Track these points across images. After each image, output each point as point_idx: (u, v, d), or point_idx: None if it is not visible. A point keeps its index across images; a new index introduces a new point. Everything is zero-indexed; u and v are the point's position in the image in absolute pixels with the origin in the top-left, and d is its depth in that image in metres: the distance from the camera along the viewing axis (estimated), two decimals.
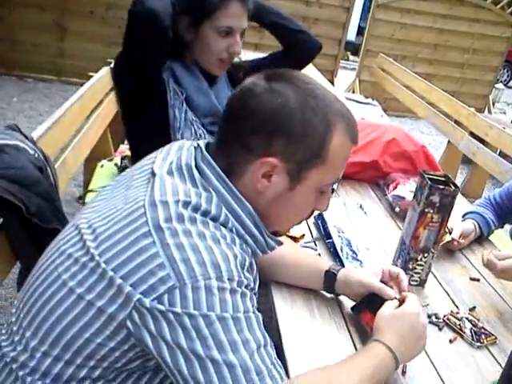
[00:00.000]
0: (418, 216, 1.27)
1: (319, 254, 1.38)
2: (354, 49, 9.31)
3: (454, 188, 1.25)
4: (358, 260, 1.36)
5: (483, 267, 1.37)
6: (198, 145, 0.91)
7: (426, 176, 1.27)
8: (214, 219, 0.82)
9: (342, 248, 1.38)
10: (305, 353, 1.02)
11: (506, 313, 1.31)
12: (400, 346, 0.93)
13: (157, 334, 0.75)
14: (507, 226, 1.79)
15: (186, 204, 0.80)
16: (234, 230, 0.84)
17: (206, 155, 0.88)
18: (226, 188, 0.85)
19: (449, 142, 3.67)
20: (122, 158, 2.17)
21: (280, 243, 0.95)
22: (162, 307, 0.74)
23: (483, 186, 3.49)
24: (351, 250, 1.39)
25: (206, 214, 0.81)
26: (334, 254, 1.37)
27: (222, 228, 0.82)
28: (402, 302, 1.01)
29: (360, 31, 9.70)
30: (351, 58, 9.40)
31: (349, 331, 1.11)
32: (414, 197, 1.33)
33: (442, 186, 1.24)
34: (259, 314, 0.80)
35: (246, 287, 0.79)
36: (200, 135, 1.49)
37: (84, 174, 2.21)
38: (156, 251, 0.76)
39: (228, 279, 0.76)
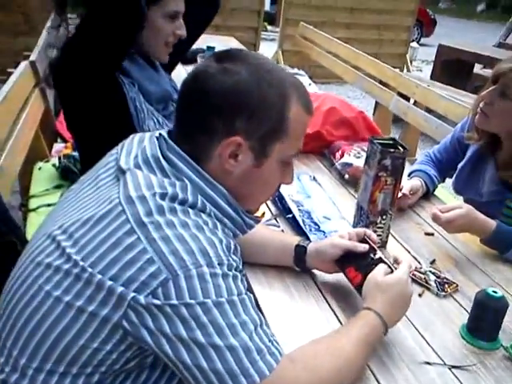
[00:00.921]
0: (373, 181, 1.33)
1: (282, 231, 1.42)
2: (270, 18, 9.34)
3: (403, 150, 1.32)
4: (320, 231, 1.41)
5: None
6: (160, 134, 0.91)
7: (375, 142, 1.33)
8: (193, 207, 0.83)
9: (303, 221, 1.43)
10: (291, 331, 1.05)
11: (460, 261, 1.41)
12: (389, 313, 0.99)
13: (155, 330, 0.76)
14: (448, 180, 1.90)
15: (163, 195, 0.81)
16: (212, 214, 0.86)
17: (171, 144, 0.88)
18: (197, 174, 0.86)
19: (378, 104, 3.82)
20: (61, 158, 2.09)
21: (258, 220, 0.98)
22: (157, 302, 0.75)
23: (416, 143, 3.67)
24: (313, 222, 1.43)
25: (183, 202, 0.82)
26: (297, 228, 1.42)
27: (202, 214, 0.83)
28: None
29: (274, 0, 9.73)
30: (269, 28, 9.43)
31: (327, 302, 1.16)
32: (365, 163, 1.39)
33: (392, 150, 1.30)
34: (251, 295, 0.82)
35: (236, 269, 0.81)
36: (162, 123, 1.47)
37: (20, 179, 2.11)
38: (143, 247, 0.76)
39: (218, 264, 0.78)
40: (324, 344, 0.90)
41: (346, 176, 1.78)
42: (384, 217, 1.37)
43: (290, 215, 1.46)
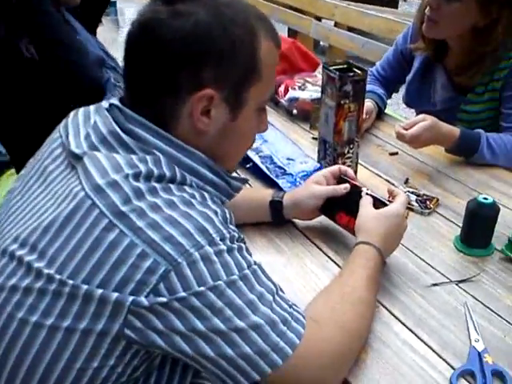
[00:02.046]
0: (335, 110, 1.26)
1: (250, 185, 1.33)
2: None
3: (361, 71, 1.25)
4: (288, 174, 1.33)
5: (395, 140, 1.42)
6: (111, 105, 0.78)
7: (330, 68, 1.25)
8: (172, 181, 0.72)
9: (268, 168, 1.34)
10: (291, 286, 0.98)
11: (432, 174, 1.39)
12: (386, 245, 0.95)
13: (167, 330, 0.66)
14: (395, 95, 1.87)
15: (137, 175, 0.69)
16: (194, 185, 0.75)
17: (129, 113, 0.75)
18: (168, 142, 0.75)
19: (296, 32, 3.71)
20: None
21: (245, 181, 0.88)
22: (162, 299, 0.65)
23: None
24: (277, 167, 1.36)
25: (161, 178, 0.71)
26: (262, 176, 1.33)
27: (185, 187, 0.73)
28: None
29: None
30: None
31: (318, 247, 1.11)
32: (322, 93, 1.31)
33: (351, 74, 1.23)
34: (259, 262, 0.74)
35: (238, 240, 0.73)
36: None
37: None
38: (130, 241, 0.65)
39: (221, 240, 0.68)
40: (336, 293, 0.85)
41: (295, 111, 1.70)
42: (351, 146, 1.31)
43: (250, 164, 1.37)
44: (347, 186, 1.07)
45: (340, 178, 1.10)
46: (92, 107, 0.82)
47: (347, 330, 0.79)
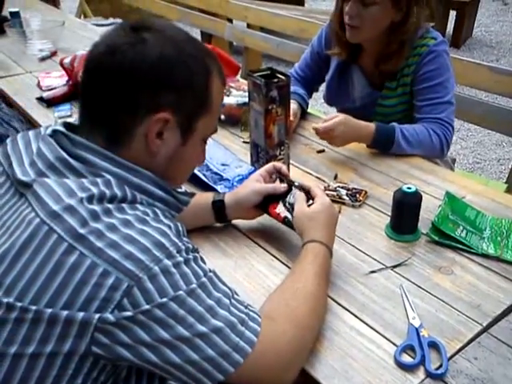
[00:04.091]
0: (264, 115, 1.33)
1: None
2: None
3: (285, 77, 1.33)
4: (225, 179, 1.39)
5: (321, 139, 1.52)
6: (55, 131, 0.80)
7: (255, 75, 1.32)
8: (124, 200, 0.76)
9: (204, 175, 1.39)
10: (242, 288, 1.05)
11: (358, 168, 1.50)
12: (329, 238, 1.03)
13: (134, 343, 0.70)
14: (315, 95, 1.97)
15: (90, 198, 0.72)
16: (144, 202, 0.79)
17: (75, 139, 0.78)
18: (116, 164, 0.78)
19: (211, 35, 3.76)
20: None
21: (192, 195, 0.93)
22: (127, 313, 0.68)
23: (260, 64, 3.73)
24: (213, 173, 1.41)
25: (113, 199, 0.74)
26: (200, 184, 1.38)
27: (138, 205, 0.77)
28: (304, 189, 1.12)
29: None
30: None
31: (262, 247, 1.17)
32: (249, 99, 1.38)
33: (275, 80, 1.31)
34: (214, 269, 0.80)
35: (193, 251, 0.77)
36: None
37: None
38: (91, 262, 0.68)
39: (177, 252, 0.73)
40: (289, 290, 0.91)
41: (222, 117, 1.76)
42: (282, 148, 1.39)
43: None
44: (286, 185, 1.16)
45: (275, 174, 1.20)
46: (31, 134, 0.83)
47: (300, 324, 0.85)
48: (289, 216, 1.12)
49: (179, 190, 0.89)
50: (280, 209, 1.15)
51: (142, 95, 0.77)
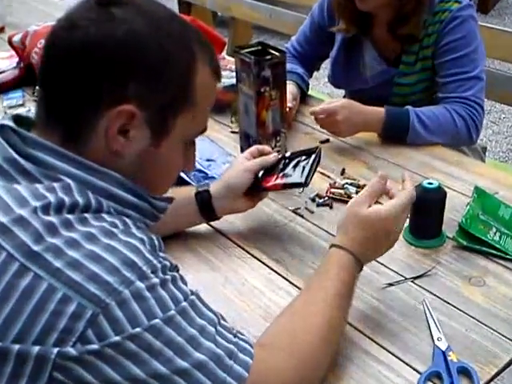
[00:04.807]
0: (255, 100, 1.33)
1: None
2: None
3: (279, 53, 1.32)
4: (210, 177, 1.39)
5: None
6: (3, 126, 0.79)
7: (243, 52, 1.32)
8: (87, 209, 0.75)
9: (186, 174, 1.39)
10: (235, 307, 1.04)
11: (368, 161, 1.50)
12: (367, 254, 0.99)
13: (99, 383, 0.69)
14: (316, 73, 1.98)
15: (46, 208, 0.71)
16: (112, 211, 0.78)
17: (28, 136, 0.77)
18: (77, 165, 0.77)
19: (190, 4, 3.76)
20: None
21: (170, 199, 0.92)
22: (93, 347, 0.67)
23: (250, 38, 3.73)
24: (197, 171, 1.41)
25: (74, 208, 0.73)
26: (182, 183, 1.37)
27: (104, 215, 0.76)
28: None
29: None
30: None
31: (254, 256, 1.17)
32: (237, 81, 1.38)
33: (268, 57, 1.30)
34: (197, 290, 0.79)
35: (171, 269, 0.77)
36: None
37: None
38: (47, 285, 0.67)
39: (152, 272, 0.72)
40: (299, 315, 0.90)
41: None
42: (278, 138, 1.39)
43: None
44: (276, 154, 1.21)
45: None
46: None
47: (304, 360, 0.84)
48: (289, 179, 1.16)
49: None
50: (275, 180, 1.18)
51: (104, 82, 0.75)
